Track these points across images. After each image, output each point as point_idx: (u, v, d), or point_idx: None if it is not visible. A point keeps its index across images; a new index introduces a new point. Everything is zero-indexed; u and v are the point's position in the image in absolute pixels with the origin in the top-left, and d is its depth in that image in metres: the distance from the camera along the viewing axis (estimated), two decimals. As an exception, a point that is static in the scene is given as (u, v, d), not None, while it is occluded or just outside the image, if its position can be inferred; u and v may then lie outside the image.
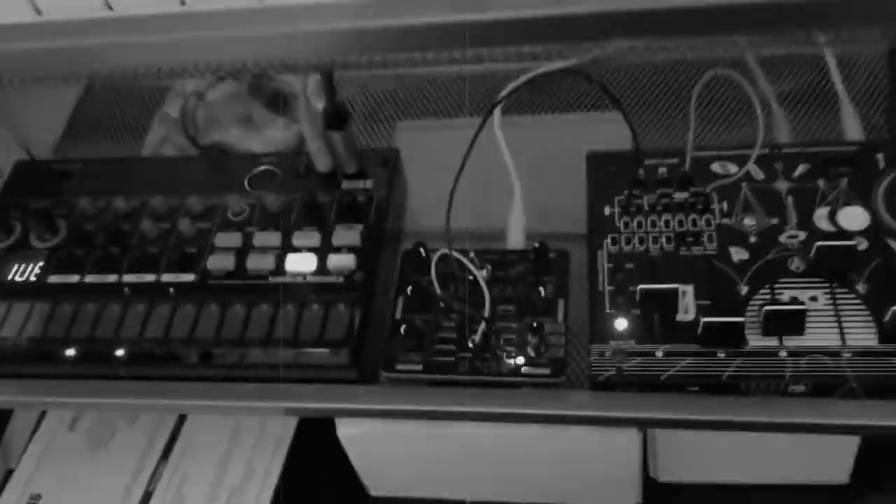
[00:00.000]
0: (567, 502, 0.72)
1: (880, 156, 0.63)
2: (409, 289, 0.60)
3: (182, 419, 0.72)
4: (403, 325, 0.60)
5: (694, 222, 0.60)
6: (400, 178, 0.67)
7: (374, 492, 0.74)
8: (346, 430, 0.64)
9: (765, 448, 0.64)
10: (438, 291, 0.60)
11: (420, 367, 0.59)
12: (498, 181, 0.73)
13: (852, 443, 0.63)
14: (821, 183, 0.63)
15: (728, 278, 0.57)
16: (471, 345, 0.59)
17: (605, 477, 0.67)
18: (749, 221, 0.61)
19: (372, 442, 0.66)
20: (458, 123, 0.82)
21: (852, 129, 0.69)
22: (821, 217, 0.61)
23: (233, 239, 0.59)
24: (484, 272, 0.62)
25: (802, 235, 0.59)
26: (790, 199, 0.60)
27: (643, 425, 0.59)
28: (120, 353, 0.55)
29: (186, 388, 0.56)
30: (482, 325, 0.58)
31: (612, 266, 0.61)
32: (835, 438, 0.61)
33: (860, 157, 0.64)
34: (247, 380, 0.55)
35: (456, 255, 0.58)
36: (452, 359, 0.59)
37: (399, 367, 0.59)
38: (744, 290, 0.58)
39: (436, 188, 0.69)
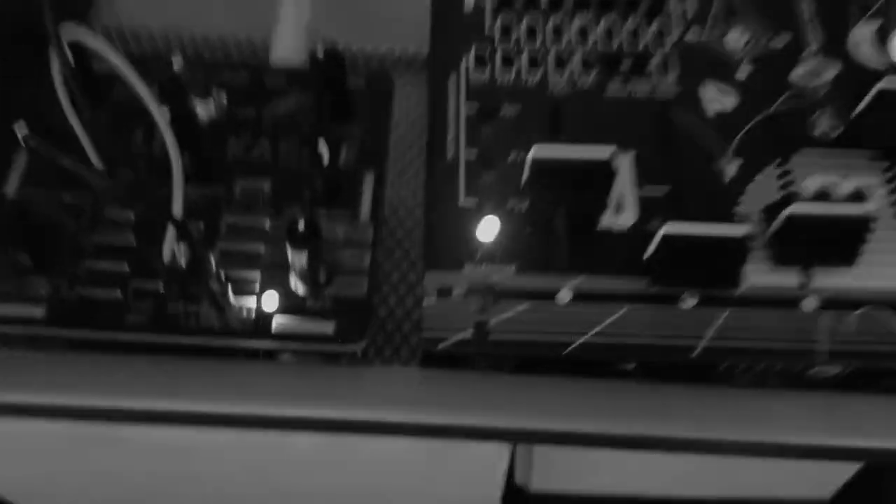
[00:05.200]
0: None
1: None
2: (25, 136, 0.27)
3: None
4: (16, 219, 0.26)
5: (635, 33, 0.28)
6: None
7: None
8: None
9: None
10: (84, 143, 0.27)
11: (42, 313, 0.26)
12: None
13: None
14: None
15: (702, 143, 0.26)
16: (168, 268, 0.26)
17: (439, 497, 0.38)
18: (735, 36, 0.29)
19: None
20: None
21: None
22: (862, 38, 0.32)
23: None
24: (208, 107, 0.29)
25: (833, 70, 0.28)
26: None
27: (531, 440, 0.30)
28: None
29: None
30: (171, 228, 0.25)
31: (476, 109, 0.30)
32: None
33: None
34: None
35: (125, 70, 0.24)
36: (120, 295, 0.27)
37: (-7, 310, 0.26)
38: (731, 168, 0.29)
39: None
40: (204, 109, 0.30)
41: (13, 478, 0.38)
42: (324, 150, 0.27)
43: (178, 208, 0.25)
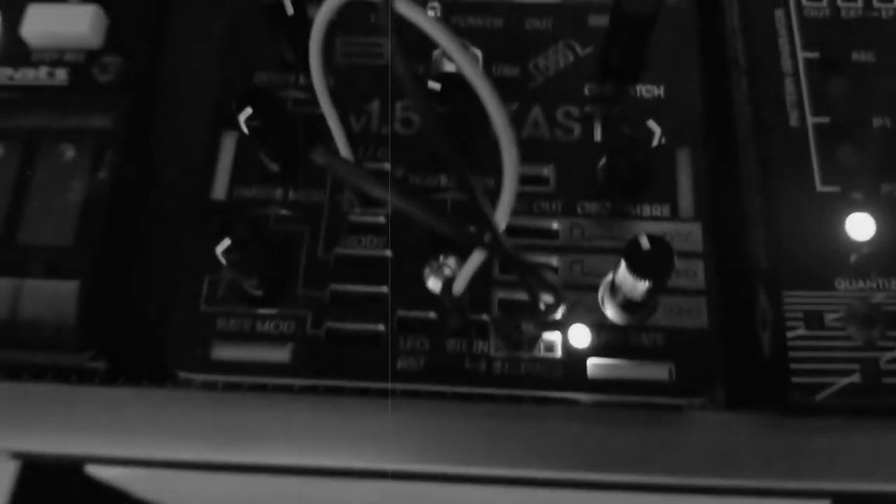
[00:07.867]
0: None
1: None
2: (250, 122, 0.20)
3: None
4: (233, 231, 0.20)
5: None
6: None
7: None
8: (103, 471, 0.26)
9: None
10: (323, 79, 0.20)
11: (287, 357, 0.20)
12: None
13: None
14: None
15: None
16: (435, 289, 0.20)
17: None
18: None
19: (159, 485, 0.28)
20: None
21: None
22: None
23: None
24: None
25: None
26: None
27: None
28: None
29: None
30: (480, 248, 0.18)
31: (818, 57, 0.22)
32: None
33: None
34: None
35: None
36: (382, 328, 0.20)
37: (220, 354, 0.20)
38: None
39: None
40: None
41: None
42: (654, 125, 0.19)
43: (503, 216, 0.17)
